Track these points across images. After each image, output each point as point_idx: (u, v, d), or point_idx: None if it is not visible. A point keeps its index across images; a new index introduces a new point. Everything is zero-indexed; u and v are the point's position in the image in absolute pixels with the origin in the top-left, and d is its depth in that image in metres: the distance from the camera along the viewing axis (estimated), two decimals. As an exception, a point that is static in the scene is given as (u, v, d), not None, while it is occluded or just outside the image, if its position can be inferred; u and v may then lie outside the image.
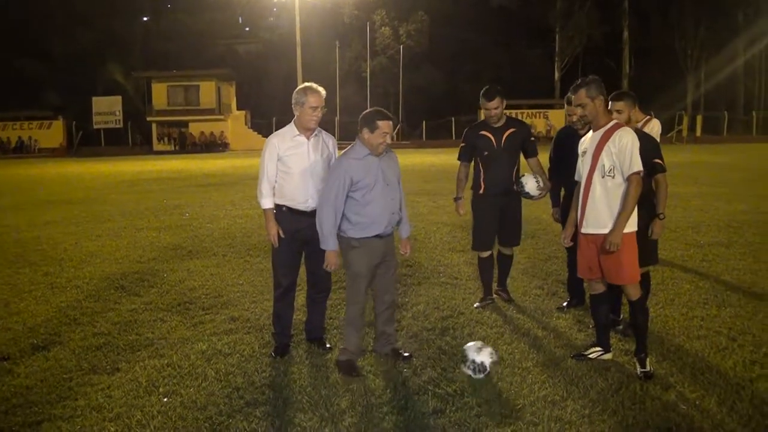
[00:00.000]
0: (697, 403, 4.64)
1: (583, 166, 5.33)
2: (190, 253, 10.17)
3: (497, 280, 7.36)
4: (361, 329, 5.41)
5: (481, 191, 6.89)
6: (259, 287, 7.91)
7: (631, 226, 5.13)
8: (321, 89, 5.58)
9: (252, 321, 6.62)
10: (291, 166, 5.53)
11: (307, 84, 5.61)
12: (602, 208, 5.15)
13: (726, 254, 9.35)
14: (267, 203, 5.58)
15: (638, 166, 5.04)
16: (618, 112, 5.65)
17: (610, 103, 5.71)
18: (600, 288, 5.44)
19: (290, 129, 5.64)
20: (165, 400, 4.81)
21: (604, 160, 5.12)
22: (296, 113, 5.57)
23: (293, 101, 5.56)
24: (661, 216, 5.80)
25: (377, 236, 5.22)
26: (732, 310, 6.74)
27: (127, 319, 6.77)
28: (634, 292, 5.23)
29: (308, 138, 5.59)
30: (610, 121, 5.22)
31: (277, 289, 5.79)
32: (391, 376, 5.17)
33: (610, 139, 5.10)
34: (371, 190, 5.15)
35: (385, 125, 5.10)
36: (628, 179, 5.06)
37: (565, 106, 6.59)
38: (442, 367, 5.32)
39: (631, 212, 5.08)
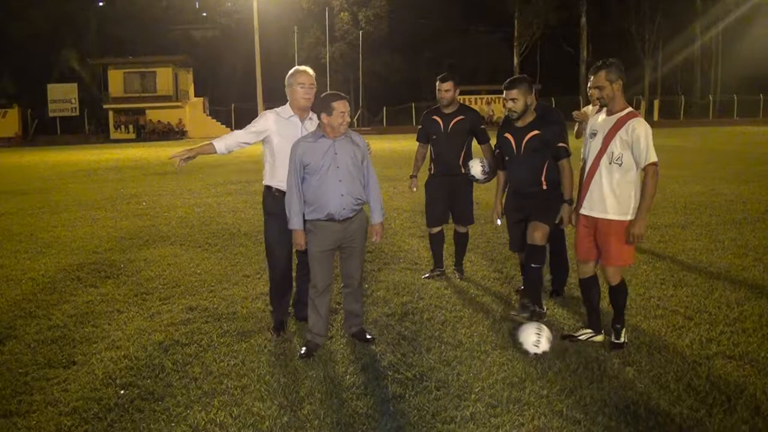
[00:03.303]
0: (654, 381, 4.71)
1: (590, 148, 5.32)
2: (147, 242, 10.04)
3: (454, 260, 7.66)
4: (320, 310, 5.41)
5: (432, 172, 7.40)
6: (217, 276, 7.84)
7: (627, 215, 5.16)
8: (310, 70, 5.71)
9: (210, 310, 6.56)
10: (282, 146, 5.59)
11: (297, 66, 5.77)
12: (605, 193, 5.18)
13: (682, 235, 9.50)
14: (212, 141, 5.74)
15: (654, 157, 5.01)
16: (513, 101, 5.61)
17: (504, 92, 5.69)
18: (589, 271, 5.48)
19: (286, 110, 5.75)
20: (122, 392, 4.74)
21: (615, 147, 5.11)
22: (289, 95, 5.70)
23: (286, 84, 5.72)
24: (570, 202, 5.70)
25: (330, 220, 5.24)
26: (688, 289, 6.85)
27: (84, 311, 6.66)
28: (613, 278, 5.29)
29: (302, 120, 5.69)
30: (625, 108, 5.17)
31: (273, 271, 5.97)
32: (351, 363, 5.17)
33: (623, 127, 5.08)
34: (321, 172, 5.19)
35: (339, 105, 5.15)
36: (645, 170, 5.05)
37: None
38: (402, 353, 5.32)
39: (651, 203, 5.10)
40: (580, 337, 5.49)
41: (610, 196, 5.17)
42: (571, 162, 5.78)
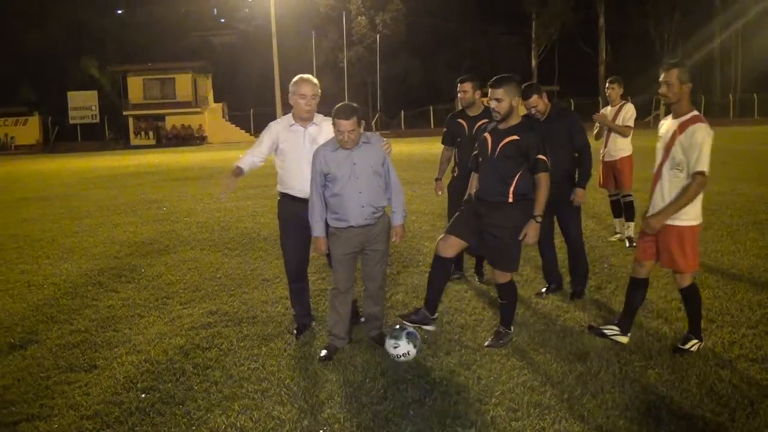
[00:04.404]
0: (676, 384, 4.67)
1: (657, 152, 5.24)
2: (167, 247, 10.10)
3: (474, 264, 7.62)
4: (341, 312, 5.43)
5: (455, 174, 7.33)
6: (237, 280, 7.87)
7: (695, 219, 5.08)
8: (313, 79, 5.66)
9: (230, 314, 6.58)
10: (287, 154, 5.67)
11: (300, 75, 5.71)
12: (666, 200, 5.08)
13: (704, 236, 9.38)
14: (236, 163, 5.81)
15: (704, 166, 4.87)
16: (497, 101, 5.29)
17: (489, 90, 5.37)
18: (642, 273, 5.42)
19: (288, 119, 5.77)
20: (143, 396, 4.77)
21: (676, 152, 5.01)
22: (292, 104, 5.69)
23: (289, 92, 5.68)
24: (539, 219, 5.32)
25: (351, 227, 5.27)
26: (710, 291, 6.78)
27: (105, 316, 6.71)
28: (682, 281, 5.23)
29: (305, 127, 5.69)
30: (690, 111, 5.04)
31: (287, 274, 6.02)
32: (371, 367, 5.16)
33: (684, 132, 4.96)
34: (341, 182, 5.20)
35: (340, 124, 5.04)
36: (693, 177, 4.92)
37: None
38: (421, 356, 5.29)
39: (683, 207, 4.97)
40: (605, 331, 5.46)
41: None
42: (549, 177, 5.35)
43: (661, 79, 5.10)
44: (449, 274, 5.84)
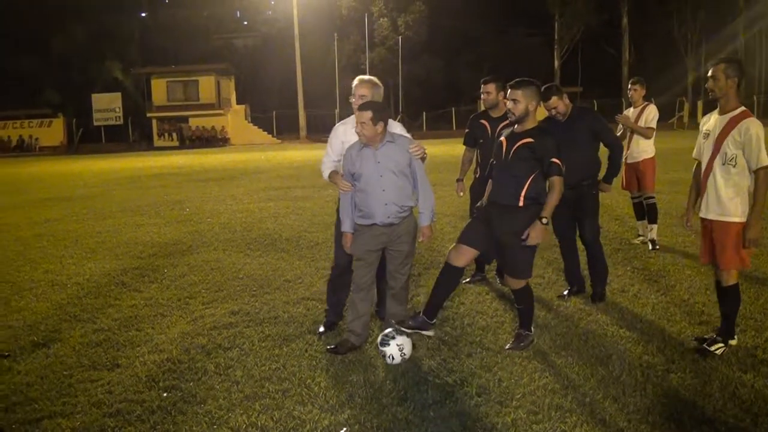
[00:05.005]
0: (698, 388, 4.63)
1: (704, 150, 5.23)
2: (190, 248, 10.16)
3: (495, 266, 7.49)
4: (359, 309, 5.51)
5: (477, 175, 7.28)
6: (259, 281, 7.90)
7: (744, 216, 5.04)
8: (373, 79, 5.76)
9: (252, 315, 6.61)
10: None
11: (360, 76, 5.82)
12: (721, 196, 5.07)
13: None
14: (326, 173, 5.81)
15: (766, 160, 4.88)
16: (514, 101, 5.28)
17: (509, 90, 5.36)
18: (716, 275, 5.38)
19: (353, 119, 5.77)
20: (165, 395, 4.80)
21: (728, 147, 5.00)
22: (353, 105, 5.78)
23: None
24: (544, 221, 5.20)
25: (375, 224, 5.36)
26: (733, 295, 6.71)
27: (128, 315, 6.76)
28: (725, 278, 5.18)
29: None
30: (738, 107, 5.04)
31: (335, 268, 6.09)
32: (391, 368, 5.15)
33: (736, 128, 4.97)
34: (365, 180, 5.31)
35: (357, 116, 5.27)
36: (756, 174, 4.93)
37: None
38: (442, 358, 5.31)
39: (763, 207, 4.95)
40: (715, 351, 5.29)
41: (725, 198, 5.06)
42: (563, 181, 5.26)
43: (709, 73, 5.10)
44: (457, 283, 5.80)
